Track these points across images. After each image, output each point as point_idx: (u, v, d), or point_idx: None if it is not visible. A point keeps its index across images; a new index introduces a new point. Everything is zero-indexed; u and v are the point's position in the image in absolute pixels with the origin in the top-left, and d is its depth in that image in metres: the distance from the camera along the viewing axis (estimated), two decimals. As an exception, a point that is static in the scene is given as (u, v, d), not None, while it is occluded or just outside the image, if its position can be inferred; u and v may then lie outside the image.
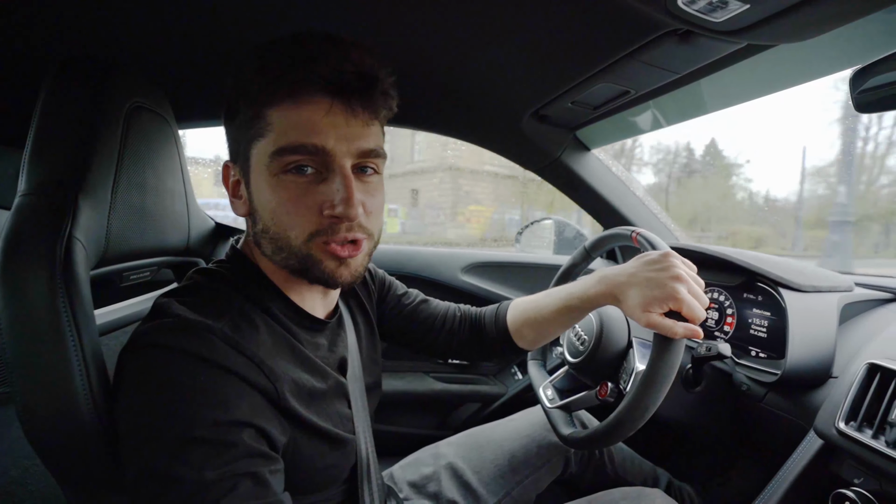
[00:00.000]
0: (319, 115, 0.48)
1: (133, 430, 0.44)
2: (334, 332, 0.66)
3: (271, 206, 0.51)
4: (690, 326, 0.58)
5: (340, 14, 0.69)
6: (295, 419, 0.51)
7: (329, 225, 0.50)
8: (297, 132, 0.48)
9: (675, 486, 1.03)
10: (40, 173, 0.51)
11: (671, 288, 0.58)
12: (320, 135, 0.48)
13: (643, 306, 0.60)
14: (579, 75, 0.81)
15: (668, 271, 0.60)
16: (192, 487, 0.41)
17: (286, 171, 0.49)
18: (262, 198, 0.52)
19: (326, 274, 0.53)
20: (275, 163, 0.49)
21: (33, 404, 0.45)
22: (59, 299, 0.45)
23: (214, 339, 0.46)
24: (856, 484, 0.59)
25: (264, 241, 0.53)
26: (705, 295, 0.60)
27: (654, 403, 0.60)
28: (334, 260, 0.52)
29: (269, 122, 0.49)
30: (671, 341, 0.59)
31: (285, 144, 0.48)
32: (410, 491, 0.86)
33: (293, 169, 0.49)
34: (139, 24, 0.72)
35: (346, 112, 0.49)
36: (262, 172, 0.51)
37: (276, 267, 0.56)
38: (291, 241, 0.51)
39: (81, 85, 0.54)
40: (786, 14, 0.49)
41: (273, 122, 0.49)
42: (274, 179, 0.50)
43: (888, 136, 4.96)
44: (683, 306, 0.58)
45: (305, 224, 0.50)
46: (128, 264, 0.70)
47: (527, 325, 0.78)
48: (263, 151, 0.50)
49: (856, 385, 0.62)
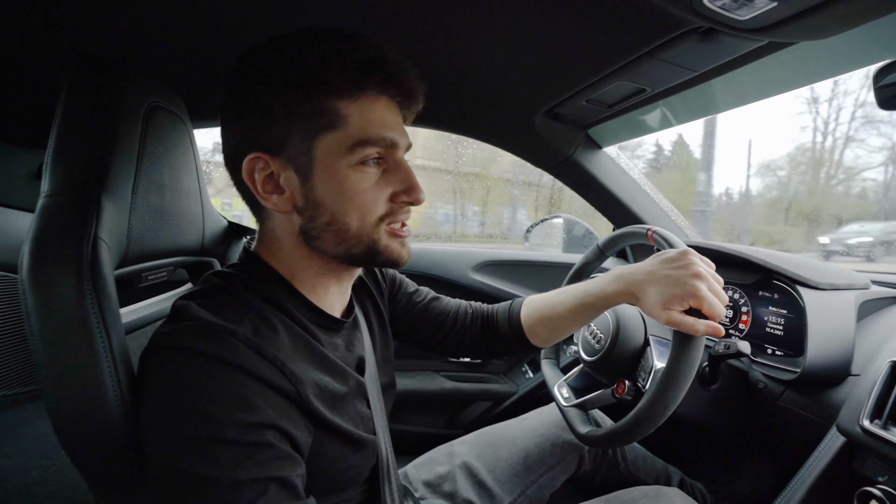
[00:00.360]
0: (391, 113, 0.54)
1: (160, 431, 0.44)
2: (350, 332, 0.66)
3: (346, 196, 0.52)
4: (711, 324, 0.58)
5: (356, 13, 0.69)
6: (319, 421, 0.51)
7: (395, 209, 0.55)
8: (377, 126, 0.52)
9: (687, 483, 1.03)
10: (64, 174, 0.51)
11: (691, 285, 0.58)
12: (392, 130, 0.53)
13: (663, 304, 0.60)
14: (596, 73, 0.81)
15: (688, 269, 0.60)
16: (226, 487, 0.41)
17: (363, 163, 0.52)
18: (331, 189, 0.52)
19: (395, 255, 0.57)
20: (354, 154, 0.51)
21: (63, 404, 0.45)
22: (87, 300, 0.46)
23: (237, 343, 0.46)
24: (880, 482, 0.59)
25: (327, 232, 0.54)
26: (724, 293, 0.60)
27: (675, 401, 0.60)
28: (398, 241, 0.57)
29: (340, 113, 0.50)
30: (691, 339, 0.59)
31: (365, 137, 0.51)
32: (426, 490, 0.87)
33: (368, 161, 0.53)
34: (152, 25, 0.72)
35: (402, 112, 0.56)
36: (334, 164, 0.51)
37: (300, 266, 0.57)
38: (362, 229, 0.54)
39: (101, 86, 0.54)
40: (812, 12, 0.49)
41: (348, 116, 0.51)
42: (350, 170, 0.52)
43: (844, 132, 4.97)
44: (704, 303, 0.58)
45: (377, 210, 0.54)
46: (146, 264, 0.70)
47: (540, 322, 0.78)
48: (338, 144, 0.51)
49: (879, 383, 0.61)
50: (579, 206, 1.59)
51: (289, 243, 0.56)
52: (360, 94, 0.51)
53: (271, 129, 0.51)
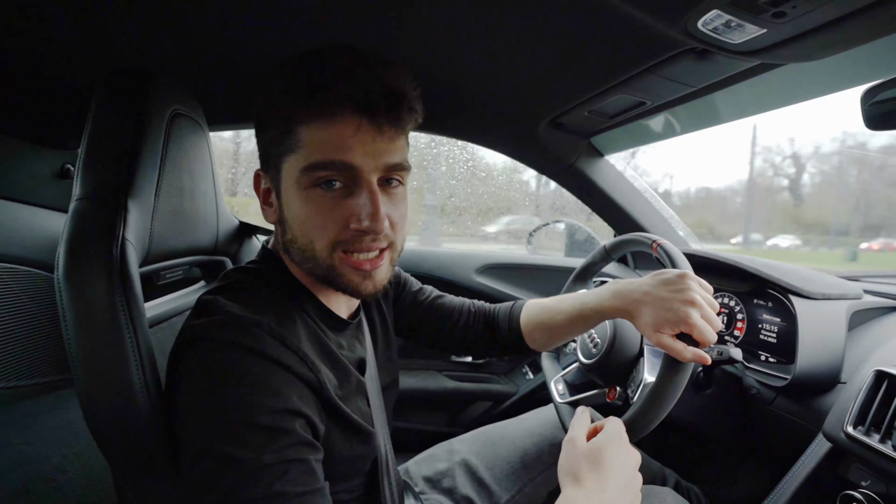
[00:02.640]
0: (348, 134, 0.50)
1: (194, 415, 0.47)
2: (354, 333, 0.69)
3: (300, 219, 0.54)
4: (698, 352, 0.59)
5: (363, 23, 0.71)
6: (333, 410, 0.55)
7: (353, 236, 0.53)
8: (327, 149, 0.50)
9: (682, 486, 1.05)
10: (94, 179, 0.54)
11: (684, 312, 0.59)
12: (349, 152, 0.50)
13: (655, 326, 0.61)
14: (598, 87, 0.84)
15: (683, 294, 0.61)
16: (252, 468, 0.44)
17: (315, 186, 0.52)
18: (291, 209, 0.55)
19: (351, 286, 0.56)
20: (305, 177, 0.51)
21: (94, 394, 0.49)
22: (117, 297, 0.49)
23: (263, 334, 0.49)
24: (863, 486, 0.61)
25: (292, 249, 0.57)
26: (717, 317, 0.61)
27: (658, 417, 0.62)
28: (358, 273, 0.55)
29: (300, 138, 0.51)
30: (680, 363, 0.60)
31: (315, 161, 0.50)
32: (425, 486, 0.89)
33: (322, 183, 0.51)
34: (174, 35, 0.75)
35: (373, 130, 0.51)
36: (293, 186, 0.53)
37: (299, 271, 0.60)
38: (316, 253, 0.54)
39: (129, 95, 0.58)
40: (799, 38, 0.52)
41: (303, 139, 0.51)
42: (304, 193, 0.52)
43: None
44: (695, 331, 0.58)
45: (330, 235, 0.53)
46: (165, 263, 0.73)
47: (539, 328, 0.81)
48: (294, 166, 0.52)
49: (864, 391, 0.64)
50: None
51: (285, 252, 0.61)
52: (312, 117, 0.50)
53: (262, 149, 0.57)
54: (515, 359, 1.47)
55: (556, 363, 0.94)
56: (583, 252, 1.44)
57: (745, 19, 0.50)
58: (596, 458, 0.55)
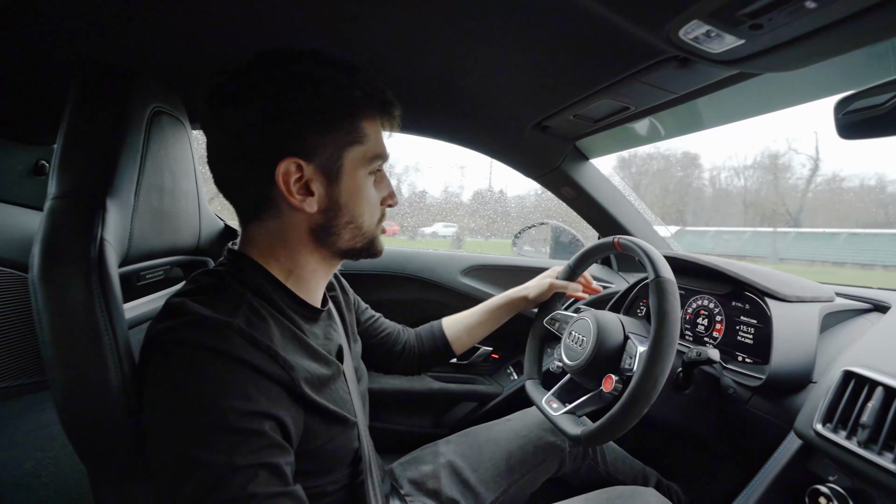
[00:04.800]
0: (383, 135, 0.65)
1: (162, 420, 0.47)
2: (327, 322, 0.70)
3: (362, 201, 0.62)
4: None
5: (352, 26, 0.71)
6: (309, 405, 0.55)
7: (384, 211, 0.68)
8: (382, 144, 0.64)
9: (663, 484, 1.07)
10: (71, 178, 0.53)
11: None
12: (386, 148, 0.65)
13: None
14: (582, 91, 0.85)
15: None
16: (222, 471, 0.44)
17: (371, 173, 0.63)
18: (354, 194, 0.61)
19: (380, 247, 0.69)
20: (369, 166, 0.62)
21: (71, 396, 0.48)
22: (95, 299, 0.48)
23: (231, 335, 0.49)
24: (830, 481, 0.64)
25: (346, 230, 0.63)
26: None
27: (663, 373, 0.67)
28: (382, 237, 0.69)
29: (365, 132, 0.60)
30: (670, 312, 0.70)
31: (379, 152, 0.63)
32: (411, 488, 0.89)
33: (374, 172, 0.64)
34: (156, 30, 0.74)
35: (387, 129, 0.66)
36: (357, 173, 0.61)
37: (292, 262, 0.62)
38: (370, 226, 0.65)
39: (108, 92, 0.56)
40: (776, 49, 0.54)
41: (368, 133, 0.61)
42: (369, 179, 0.63)
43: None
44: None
45: (378, 211, 0.66)
46: (145, 264, 0.72)
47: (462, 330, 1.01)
48: (361, 156, 0.61)
49: (832, 390, 0.66)
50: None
51: (295, 240, 0.61)
52: (374, 117, 0.62)
53: (307, 139, 0.56)
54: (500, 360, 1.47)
55: (540, 387, 0.94)
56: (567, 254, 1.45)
57: (725, 30, 0.52)
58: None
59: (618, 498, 0.80)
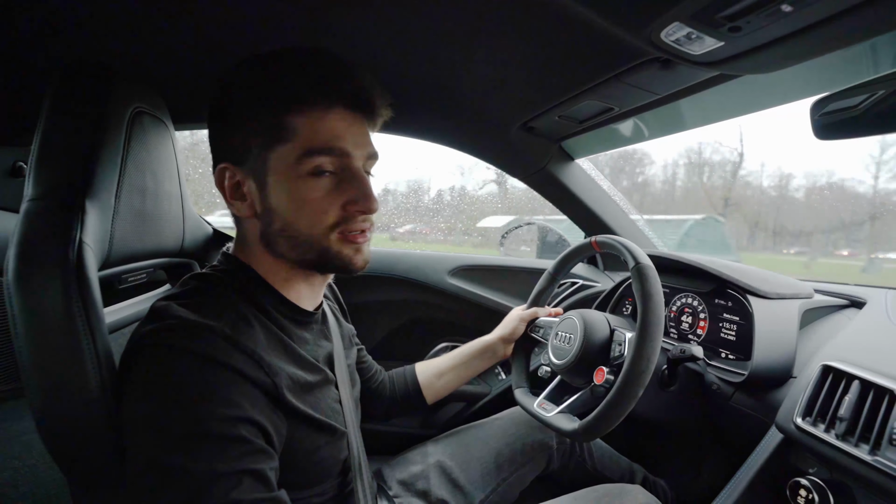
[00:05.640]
0: (344, 125, 0.56)
1: (141, 426, 0.46)
2: (320, 328, 0.69)
3: (294, 205, 0.56)
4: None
5: (338, 25, 0.71)
6: (292, 412, 0.54)
7: (349, 217, 0.58)
8: (325, 137, 0.55)
9: (650, 480, 1.09)
10: (48, 179, 0.52)
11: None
12: (343, 140, 0.56)
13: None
14: (567, 93, 0.86)
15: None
16: (204, 479, 0.43)
17: (309, 175, 0.55)
18: (282, 198, 0.56)
19: (345, 260, 0.59)
20: (301, 165, 0.55)
21: (49, 404, 0.47)
22: (73, 303, 0.47)
23: (216, 339, 0.49)
24: (810, 473, 0.65)
25: (281, 238, 0.57)
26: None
27: (655, 352, 0.68)
28: (351, 247, 0.59)
29: (293, 127, 0.54)
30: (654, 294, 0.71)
31: (313, 147, 0.54)
32: (400, 489, 0.89)
33: (315, 172, 0.56)
34: (139, 30, 0.72)
35: (361, 123, 0.59)
36: (285, 174, 0.55)
37: (270, 266, 0.60)
38: (312, 236, 0.57)
39: (87, 91, 0.55)
40: (754, 51, 0.55)
41: (297, 128, 0.54)
42: (299, 181, 0.55)
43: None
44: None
45: (327, 218, 0.57)
46: (127, 266, 0.71)
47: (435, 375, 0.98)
48: (287, 155, 0.55)
49: (811, 385, 0.68)
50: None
51: (256, 246, 0.60)
52: (309, 108, 0.55)
53: (236, 142, 0.57)
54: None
55: (529, 394, 0.95)
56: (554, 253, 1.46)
57: (704, 32, 0.53)
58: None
59: (605, 496, 0.80)
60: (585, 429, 0.72)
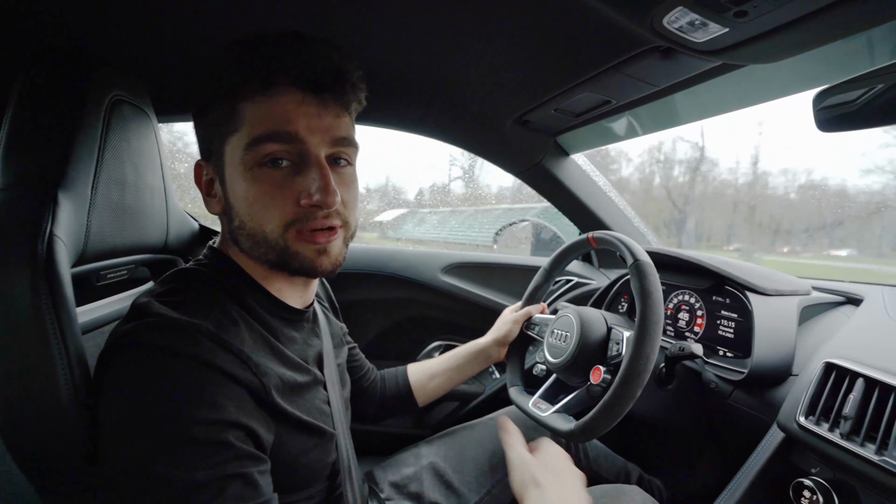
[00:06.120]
0: (292, 107, 0.50)
1: (119, 428, 0.43)
2: (310, 327, 0.67)
3: (248, 200, 0.51)
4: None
5: (327, 14, 0.69)
6: (280, 414, 0.52)
7: (305, 213, 0.51)
8: (271, 122, 0.49)
9: (645, 479, 1.08)
10: (17, 168, 0.50)
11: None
12: (292, 123, 0.50)
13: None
14: (564, 84, 0.84)
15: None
16: (183, 489, 0.40)
17: (261, 165, 0.50)
18: (237, 193, 0.52)
19: (307, 263, 0.53)
20: (249, 155, 0.50)
21: (15, 407, 0.44)
22: (42, 300, 0.44)
23: (200, 337, 0.46)
24: (813, 473, 0.64)
25: (242, 236, 0.54)
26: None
27: (654, 351, 0.66)
28: (312, 248, 0.53)
29: (242, 115, 0.50)
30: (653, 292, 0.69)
31: (259, 134, 0.49)
32: (392, 491, 0.87)
33: (268, 162, 0.50)
34: (118, 16, 0.70)
35: (318, 104, 0.51)
36: (237, 167, 0.51)
37: (255, 262, 0.57)
38: (268, 234, 0.51)
39: (61, 77, 0.53)
40: (759, 38, 0.53)
41: (246, 116, 0.50)
42: (249, 173, 0.50)
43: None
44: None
45: (282, 214, 0.51)
46: (106, 262, 0.67)
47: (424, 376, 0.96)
48: (237, 145, 0.51)
49: (814, 383, 0.66)
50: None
51: (233, 244, 0.58)
52: (257, 94, 0.50)
53: (202, 136, 0.55)
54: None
55: (524, 393, 0.93)
56: (548, 250, 1.45)
57: (709, 17, 0.51)
58: (548, 465, 0.66)
59: (602, 497, 0.79)
60: (582, 430, 0.71)
